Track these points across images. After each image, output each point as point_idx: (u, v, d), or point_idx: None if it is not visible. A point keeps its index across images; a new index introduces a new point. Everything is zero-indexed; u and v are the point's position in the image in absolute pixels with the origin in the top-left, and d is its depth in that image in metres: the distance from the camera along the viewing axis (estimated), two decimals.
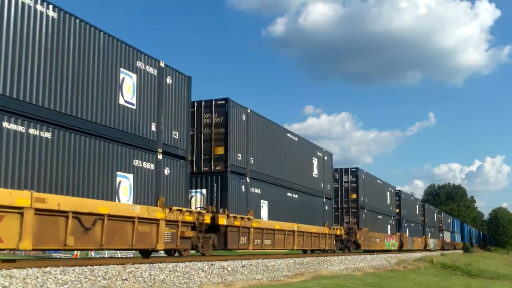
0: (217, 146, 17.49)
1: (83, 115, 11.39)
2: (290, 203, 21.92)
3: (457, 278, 27.02)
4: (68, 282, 8.76)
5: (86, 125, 11.45)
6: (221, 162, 17.37)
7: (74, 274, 9.20)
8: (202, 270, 12.31)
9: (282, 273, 15.49)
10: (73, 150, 11.04)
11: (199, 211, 15.21)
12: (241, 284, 11.95)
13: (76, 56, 11.28)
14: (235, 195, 17.54)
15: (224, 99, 17.57)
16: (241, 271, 13.66)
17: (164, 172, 14.00)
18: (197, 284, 11.23)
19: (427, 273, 26.85)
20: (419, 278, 21.78)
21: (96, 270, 9.81)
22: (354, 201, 31.87)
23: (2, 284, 7.80)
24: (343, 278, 16.30)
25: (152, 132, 13.62)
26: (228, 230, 16.86)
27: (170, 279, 10.95)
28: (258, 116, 19.60)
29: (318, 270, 17.56)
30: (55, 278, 8.71)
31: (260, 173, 19.39)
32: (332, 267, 19.53)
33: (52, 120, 10.53)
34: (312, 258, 19.92)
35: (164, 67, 14.23)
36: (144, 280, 10.26)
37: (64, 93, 10.91)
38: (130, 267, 10.65)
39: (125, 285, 9.62)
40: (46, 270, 8.98)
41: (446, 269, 32.00)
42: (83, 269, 9.59)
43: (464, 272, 31.58)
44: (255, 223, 18.41)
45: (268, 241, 19.57)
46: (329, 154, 27.35)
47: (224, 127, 17.47)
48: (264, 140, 19.94)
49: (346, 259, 22.93)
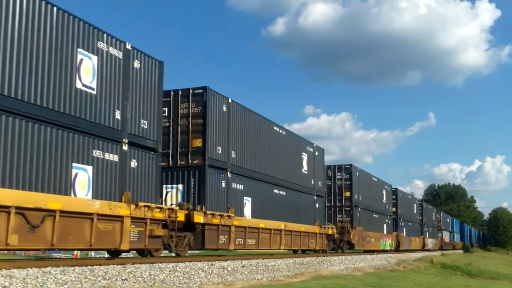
0: (195, 138, 16.27)
1: (32, 99, 10.16)
2: (277, 201, 20.68)
3: (457, 278, 26.98)
4: (68, 282, 8.75)
5: (36, 111, 10.21)
6: (199, 155, 16.15)
7: (74, 274, 9.18)
8: (202, 270, 12.28)
9: (282, 273, 15.43)
10: (20, 138, 9.81)
11: (171, 207, 13.99)
12: (241, 284, 12.00)
13: (24, 33, 10.04)
14: (214, 191, 16.31)
15: (202, 88, 16.36)
16: (241, 271, 13.61)
17: (131, 165, 12.76)
18: (197, 284, 11.27)
19: (427, 273, 26.86)
20: (419, 278, 21.69)
21: (96, 270, 9.77)
22: (347, 199, 30.61)
23: (2, 284, 7.77)
24: (343, 278, 16.18)
25: (117, 121, 12.39)
26: (205, 228, 15.63)
27: (170, 279, 10.95)
28: (241, 107, 18.36)
29: (318, 270, 17.49)
30: (55, 278, 8.69)
31: (243, 168, 18.16)
32: (332, 267, 19.51)
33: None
34: (312, 258, 19.59)
35: (131, 49, 13.00)
36: (144, 280, 10.25)
37: (8, 75, 9.67)
38: (130, 267, 10.59)
39: (125, 285, 9.62)
40: (46, 270, 8.95)
41: (446, 269, 31.98)
42: (83, 269, 9.57)
43: (464, 272, 31.50)
44: (237, 221, 17.18)
45: (252, 240, 18.34)
46: (321, 150, 26.10)
47: (202, 118, 16.25)
48: (248, 133, 18.70)
49: (346, 259, 22.69)
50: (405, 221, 44.47)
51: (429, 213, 58.07)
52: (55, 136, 10.61)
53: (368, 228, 32.95)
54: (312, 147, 24.82)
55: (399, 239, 41.09)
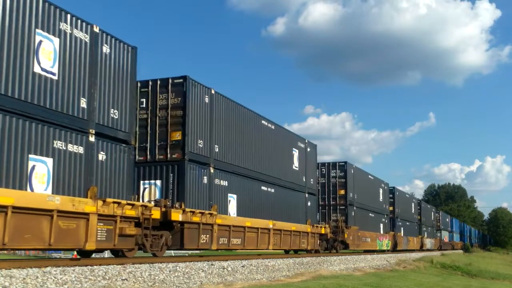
0: (174, 131, 15.28)
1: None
2: (265, 198, 19.69)
3: (457, 278, 26.89)
4: (68, 282, 8.73)
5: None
6: (178, 149, 15.16)
7: (74, 274, 9.14)
8: (202, 270, 12.23)
9: (282, 273, 15.41)
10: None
11: (145, 204, 12.98)
12: (241, 284, 11.96)
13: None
14: (194, 187, 15.32)
15: (182, 77, 15.36)
16: (241, 271, 13.57)
17: (99, 158, 11.76)
18: (197, 284, 11.27)
19: (427, 273, 26.86)
20: (419, 278, 21.65)
21: (96, 270, 9.70)
22: (342, 197, 29.58)
23: (2, 284, 7.74)
24: (343, 278, 16.13)
25: (82, 109, 11.39)
26: (185, 227, 14.64)
27: (170, 279, 10.92)
28: (226, 99, 17.37)
29: (318, 270, 17.48)
30: (55, 278, 8.66)
31: (227, 163, 17.16)
32: (332, 267, 19.55)
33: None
34: (312, 258, 19.42)
35: (100, 32, 12.00)
36: (144, 280, 10.23)
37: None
38: (130, 267, 10.52)
39: (125, 285, 9.62)
40: (46, 270, 8.89)
41: (446, 269, 31.98)
42: (83, 269, 9.50)
43: (464, 272, 31.51)
44: (220, 219, 16.18)
45: (237, 240, 17.34)
46: (313, 146, 25.10)
47: (182, 109, 15.26)
48: (233, 127, 17.71)
49: (346, 259, 22.60)
50: (402, 221, 43.47)
51: (428, 213, 57.05)
52: (8, 124, 9.61)
53: (364, 227, 31.96)
54: (303, 143, 23.82)
55: (396, 239, 40.10)
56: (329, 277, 15.88)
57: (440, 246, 60.63)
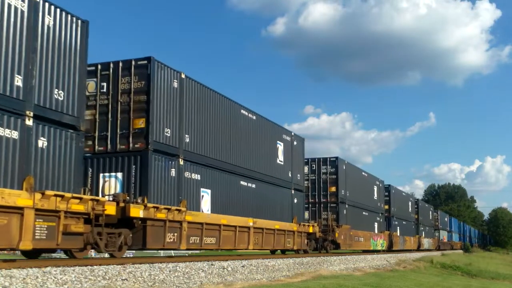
0: (137, 118, 13.78)
1: None
2: (245, 194, 18.19)
3: (457, 278, 26.85)
4: (68, 282, 8.71)
5: None
6: (141, 138, 13.67)
7: (74, 274, 9.08)
8: (202, 270, 12.17)
9: (282, 273, 15.38)
10: None
11: (96, 198, 11.47)
12: (241, 284, 11.96)
13: None
14: (160, 180, 13.83)
15: (146, 58, 13.87)
16: (241, 271, 13.53)
17: (38, 144, 10.25)
18: (197, 284, 11.27)
19: (427, 273, 26.83)
20: (419, 278, 21.68)
21: (96, 270, 9.63)
22: (333, 194, 28.05)
23: (2, 284, 7.71)
24: (343, 278, 16.11)
25: (17, 88, 9.87)
26: (147, 224, 13.14)
27: (170, 279, 10.90)
28: (199, 84, 15.86)
29: (318, 270, 17.45)
30: (55, 278, 8.61)
31: (200, 155, 15.66)
32: (332, 267, 19.53)
33: None
34: (312, 258, 19.26)
35: (41, 1, 10.48)
36: (144, 280, 10.20)
37: None
38: (130, 267, 10.45)
39: (125, 285, 9.61)
40: (46, 270, 8.81)
41: (446, 269, 32.00)
42: (83, 269, 9.42)
43: (464, 272, 31.54)
44: (190, 216, 14.69)
45: (211, 239, 15.84)
46: (300, 139, 23.58)
47: (146, 94, 13.77)
48: (207, 115, 16.21)
49: (346, 259, 22.55)
50: (399, 220, 41.97)
51: (426, 212, 55.56)
52: None
53: (357, 226, 30.45)
54: (289, 136, 22.30)
55: (392, 238, 38.60)
56: (329, 277, 15.84)
57: (438, 246, 59.15)
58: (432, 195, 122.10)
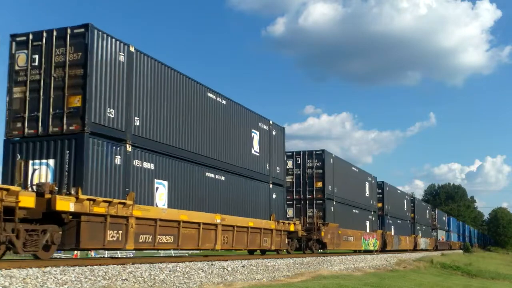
0: (72, 95, 11.78)
1: None
2: (211, 187, 16.17)
3: (457, 278, 26.86)
4: (68, 282, 8.69)
5: None
6: (77, 118, 11.65)
7: (74, 274, 9.07)
8: (202, 270, 12.16)
9: (282, 273, 15.39)
10: None
11: (6, 187, 9.46)
12: (241, 284, 11.97)
13: None
14: (100, 169, 11.83)
15: (83, 26, 11.85)
16: (241, 271, 13.54)
17: None
18: (197, 284, 11.29)
19: (427, 273, 26.79)
20: (419, 278, 21.67)
21: (96, 270, 9.64)
22: (319, 190, 25.96)
23: (2, 284, 7.69)
24: (343, 278, 16.13)
25: None
26: (81, 220, 11.12)
27: (170, 279, 10.90)
28: (153, 60, 13.85)
29: (318, 270, 17.46)
30: (55, 278, 8.59)
31: (154, 141, 13.66)
32: (332, 267, 19.54)
33: None
34: (312, 258, 19.25)
35: None
36: (144, 280, 10.20)
37: None
38: (130, 267, 10.45)
39: (125, 285, 9.62)
40: (46, 270, 8.80)
41: (446, 269, 32.03)
42: (83, 269, 9.43)
43: (464, 272, 31.57)
44: (139, 211, 12.67)
45: (168, 237, 13.82)
46: (280, 129, 21.54)
47: (83, 67, 11.76)
48: (164, 96, 14.20)
49: (346, 259, 22.49)
50: (393, 218, 39.94)
51: (422, 210, 53.51)
52: None
53: (346, 225, 28.41)
54: (267, 124, 20.26)
55: (385, 238, 36.56)
56: (329, 277, 15.82)
57: (436, 246, 57.14)
58: (432, 195, 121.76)
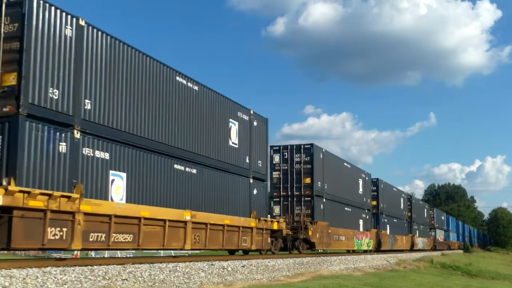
0: (7, 72, 10.26)
1: None
2: (181, 181, 14.65)
3: (457, 278, 26.88)
4: (68, 282, 8.66)
5: None
6: (12, 99, 10.12)
7: (74, 274, 9.05)
8: (202, 270, 12.16)
9: (282, 273, 15.38)
10: None
11: None
12: (241, 284, 12.02)
13: None
14: (40, 157, 10.30)
15: None
16: (241, 271, 13.54)
17: None
18: (197, 284, 11.33)
19: (427, 273, 26.85)
20: (419, 278, 21.67)
21: (96, 270, 9.62)
22: (308, 187, 24.48)
23: (2, 284, 7.66)
24: (343, 278, 16.15)
25: None
26: (15, 215, 9.61)
27: (170, 279, 10.92)
28: (108, 36, 12.28)
29: (318, 270, 17.47)
30: (55, 278, 8.57)
31: (108, 127, 12.11)
32: (332, 267, 19.54)
33: None
34: (312, 258, 19.26)
35: None
36: (144, 280, 10.21)
37: None
38: (130, 267, 10.43)
39: (125, 285, 9.61)
40: (46, 270, 8.80)
41: (446, 269, 31.99)
42: (83, 269, 9.41)
43: (464, 272, 31.58)
44: (88, 205, 11.15)
45: (126, 236, 12.30)
46: (262, 119, 19.99)
47: (19, 40, 10.24)
48: (122, 78, 12.66)
49: (346, 259, 22.45)
50: (388, 217, 38.43)
51: (420, 209, 51.99)
52: None
53: (337, 223, 26.90)
54: (247, 114, 18.72)
55: (380, 237, 35.05)
56: (329, 277, 15.81)
57: (434, 246, 55.65)
58: (432, 195, 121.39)
